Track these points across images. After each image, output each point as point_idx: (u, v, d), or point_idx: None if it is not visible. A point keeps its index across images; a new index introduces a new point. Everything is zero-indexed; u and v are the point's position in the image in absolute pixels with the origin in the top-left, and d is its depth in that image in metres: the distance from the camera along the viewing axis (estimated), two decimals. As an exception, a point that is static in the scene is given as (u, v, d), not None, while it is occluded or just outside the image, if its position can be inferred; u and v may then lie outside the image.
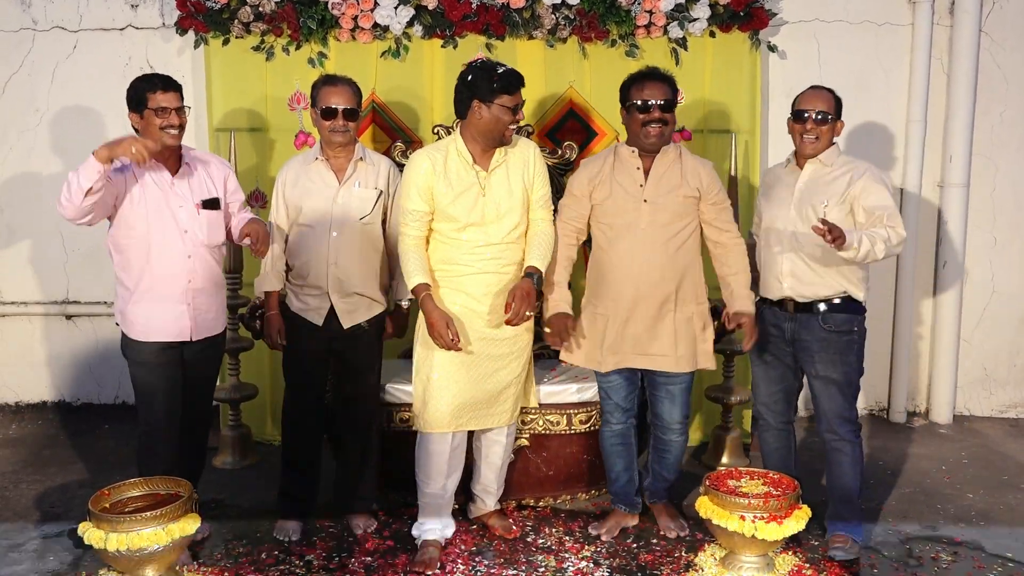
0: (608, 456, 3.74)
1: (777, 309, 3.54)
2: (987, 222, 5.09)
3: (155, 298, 3.39)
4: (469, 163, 3.40)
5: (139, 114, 3.35)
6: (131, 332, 3.43)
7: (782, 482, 3.41)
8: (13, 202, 5.12)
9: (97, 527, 3.12)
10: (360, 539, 3.69)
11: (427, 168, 3.38)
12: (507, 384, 3.54)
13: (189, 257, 3.42)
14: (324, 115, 3.51)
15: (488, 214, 3.40)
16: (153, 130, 3.33)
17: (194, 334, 3.48)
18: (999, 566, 3.49)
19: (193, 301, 3.45)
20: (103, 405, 5.31)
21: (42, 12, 4.93)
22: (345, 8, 4.38)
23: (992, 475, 4.40)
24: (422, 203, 3.39)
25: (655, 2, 4.38)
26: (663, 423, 3.61)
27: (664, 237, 3.43)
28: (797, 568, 3.42)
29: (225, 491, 4.17)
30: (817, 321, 3.45)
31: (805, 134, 3.43)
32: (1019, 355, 5.22)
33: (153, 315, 3.41)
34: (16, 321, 5.24)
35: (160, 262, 3.38)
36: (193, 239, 3.42)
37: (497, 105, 3.31)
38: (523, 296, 3.36)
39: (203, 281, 3.47)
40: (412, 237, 3.42)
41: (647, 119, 3.40)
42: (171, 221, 3.38)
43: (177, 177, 3.41)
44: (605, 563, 3.50)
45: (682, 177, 3.47)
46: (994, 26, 4.89)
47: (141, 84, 3.38)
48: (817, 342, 3.46)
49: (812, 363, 3.49)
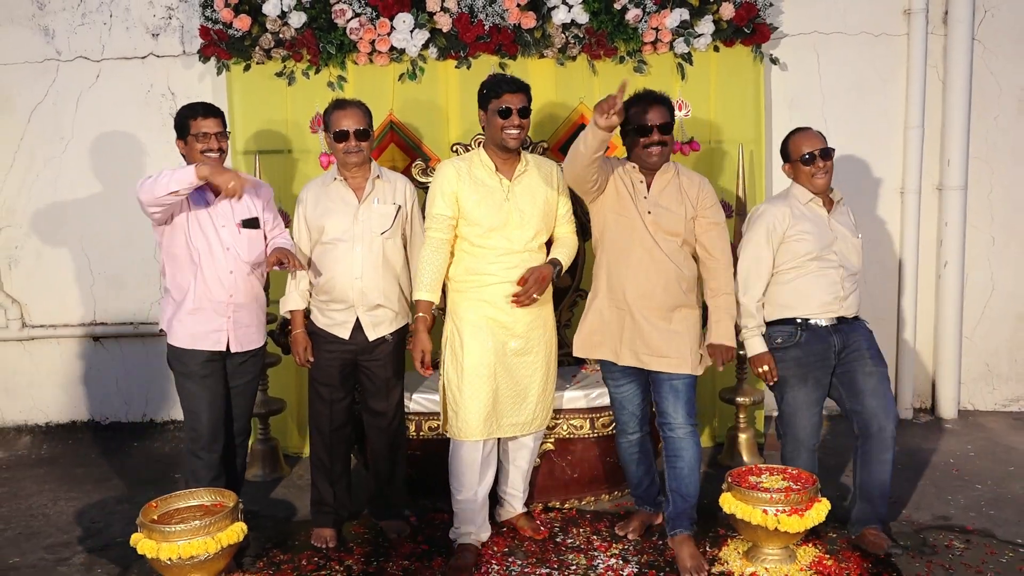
0: (627, 464, 3.83)
1: (817, 326, 3.63)
2: (985, 223, 5.26)
3: (199, 310, 3.59)
4: (492, 170, 3.58)
5: (183, 140, 3.54)
6: (176, 341, 3.62)
7: (801, 477, 3.56)
8: (40, 227, 5.26)
9: (148, 537, 3.26)
10: (395, 544, 3.82)
11: (452, 175, 3.57)
12: (533, 392, 3.67)
13: (231, 273, 3.60)
14: (337, 138, 3.66)
15: (512, 219, 3.56)
16: (195, 155, 3.53)
17: (232, 345, 3.65)
18: (1010, 551, 3.64)
19: (233, 315, 3.63)
20: (131, 423, 5.45)
21: (66, 43, 5.10)
22: (363, 33, 4.53)
23: (998, 467, 4.55)
24: (447, 208, 3.56)
25: (661, 19, 4.54)
26: (669, 421, 3.55)
27: (670, 247, 3.51)
28: (818, 559, 3.56)
29: (258, 503, 4.30)
30: (860, 321, 3.71)
31: (818, 174, 3.62)
32: (1019, 350, 5.37)
33: (197, 325, 3.60)
34: (45, 344, 5.37)
35: (204, 277, 3.57)
36: (235, 256, 3.60)
37: (491, 110, 3.51)
38: (538, 279, 3.56)
39: (244, 297, 3.65)
40: (436, 240, 3.58)
41: (647, 142, 3.50)
42: (215, 239, 3.57)
43: (219, 199, 3.58)
44: (634, 560, 3.64)
45: (680, 192, 3.56)
46: (986, 34, 5.07)
47: (184, 112, 3.59)
48: (865, 339, 3.65)
49: (864, 362, 3.61)
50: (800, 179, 3.69)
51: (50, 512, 4.28)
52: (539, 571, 3.57)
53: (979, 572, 3.47)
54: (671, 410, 3.55)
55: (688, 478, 3.56)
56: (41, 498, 4.44)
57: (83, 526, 4.11)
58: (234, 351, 3.67)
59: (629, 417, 3.73)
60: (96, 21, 5.08)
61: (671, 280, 3.50)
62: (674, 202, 3.54)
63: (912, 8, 4.96)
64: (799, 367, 3.63)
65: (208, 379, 3.63)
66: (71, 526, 4.12)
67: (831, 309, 3.63)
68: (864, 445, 3.62)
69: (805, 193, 3.68)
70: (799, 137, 3.69)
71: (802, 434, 3.68)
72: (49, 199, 5.24)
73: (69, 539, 3.98)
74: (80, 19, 5.08)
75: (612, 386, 3.73)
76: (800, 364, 3.63)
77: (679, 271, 3.51)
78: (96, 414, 5.46)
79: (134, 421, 5.45)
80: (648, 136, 3.49)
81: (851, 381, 3.62)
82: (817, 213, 3.66)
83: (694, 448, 3.56)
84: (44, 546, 3.90)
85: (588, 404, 4.06)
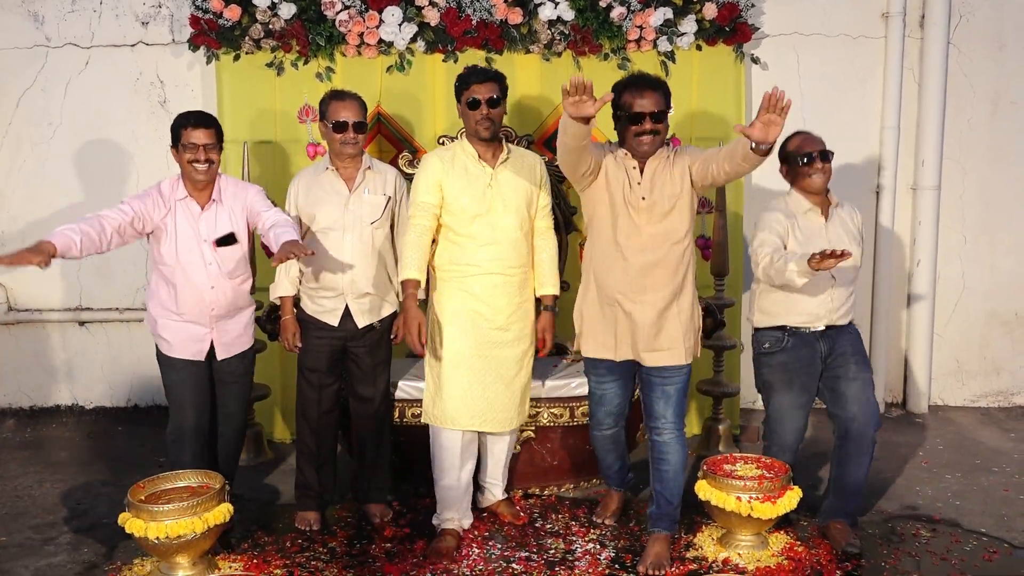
0: (601, 453, 3.88)
1: (805, 332, 3.65)
2: (957, 222, 5.38)
3: (181, 321, 3.67)
4: (475, 158, 3.67)
5: (176, 149, 3.61)
6: (161, 347, 3.72)
7: (774, 466, 3.67)
8: (26, 212, 5.28)
9: (136, 517, 3.33)
10: (378, 527, 3.90)
11: (437, 164, 3.67)
12: (511, 388, 3.73)
13: (212, 288, 3.66)
14: (336, 129, 3.71)
15: (495, 206, 3.64)
16: (184, 164, 3.58)
17: (218, 352, 3.74)
18: (974, 540, 3.76)
19: (216, 326, 3.71)
20: (116, 408, 5.49)
21: (55, 29, 5.12)
22: (352, 25, 4.60)
23: (966, 460, 4.68)
24: (431, 195, 3.64)
25: (645, 18, 4.63)
26: (658, 424, 3.55)
27: (662, 234, 3.43)
28: (789, 545, 3.67)
29: (242, 486, 4.33)
30: (845, 327, 3.70)
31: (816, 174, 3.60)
32: (988, 348, 5.51)
33: (179, 335, 3.68)
34: (31, 328, 5.40)
35: (185, 290, 3.63)
36: (216, 272, 3.66)
37: (462, 101, 3.64)
38: (551, 329, 3.79)
39: (226, 308, 3.72)
40: (420, 226, 3.65)
41: (639, 130, 3.38)
42: (197, 254, 3.63)
43: (204, 212, 3.65)
44: (611, 544, 3.74)
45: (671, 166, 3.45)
46: (961, 38, 5.19)
47: (178, 120, 3.63)
48: (851, 345, 3.67)
49: (848, 367, 3.63)
50: (798, 182, 3.65)
51: (35, 493, 4.33)
52: (518, 555, 3.66)
53: (944, 559, 3.59)
54: (660, 411, 3.54)
55: (673, 481, 3.56)
56: (26, 480, 4.49)
57: (69, 507, 4.16)
58: (220, 358, 3.75)
59: (605, 415, 3.74)
60: (86, 8, 5.10)
61: (663, 270, 3.45)
62: (667, 181, 3.43)
63: (890, 11, 5.07)
64: (785, 372, 3.67)
65: (193, 375, 3.71)
66: (57, 507, 4.17)
67: (820, 319, 3.64)
68: (843, 446, 3.67)
69: (802, 202, 3.65)
70: (798, 139, 3.68)
71: (787, 439, 3.73)
72: (36, 184, 5.26)
73: (55, 519, 4.03)
74: (70, 5, 5.10)
75: (594, 382, 3.71)
76: (786, 370, 3.67)
77: (671, 259, 3.45)
78: (81, 398, 5.49)
79: (119, 406, 5.49)
80: (639, 124, 3.37)
81: (835, 386, 3.66)
82: (813, 223, 3.63)
83: (680, 451, 3.55)
84: (31, 526, 3.96)
85: (568, 393, 4.14)
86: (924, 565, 3.55)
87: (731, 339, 4.77)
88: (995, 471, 4.52)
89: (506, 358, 3.72)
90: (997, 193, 5.35)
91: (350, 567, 3.56)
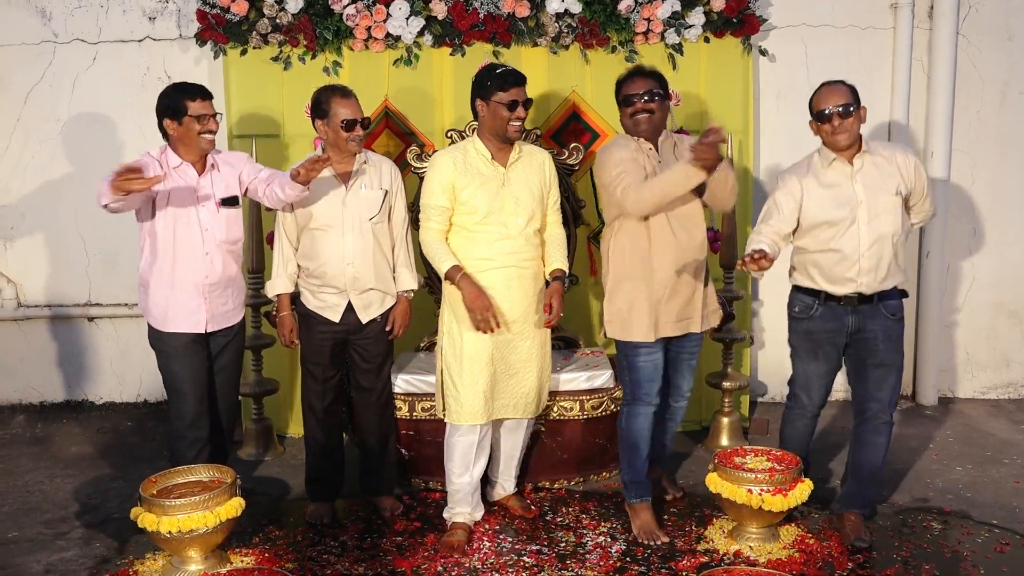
0: (638, 443, 3.73)
1: (836, 304, 3.59)
2: (966, 213, 5.37)
3: (174, 291, 3.66)
4: (488, 159, 3.64)
5: (177, 121, 3.58)
6: (155, 322, 3.70)
7: (784, 458, 3.67)
8: (35, 207, 5.30)
9: (149, 511, 3.33)
10: (388, 520, 3.91)
11: (449, 165, 3.62)
12: (530, 376, 3.75)
13: (207, 254, 3.66)
14: (347, 127, 3.67)
15: (507, 205, 3.62)
16: (192, 136, 3.57)
17: (209, 325, 3.73)
18: (986, 532, 3.76)
19: (209, 295, 3.70)
20: (125, 403, 5.50)
21: (63, 25, 5.13)
22: (359, 19, 4.59)
23: (976, 452, 4.67)
24: (445, 199, 3.62)
25: (653, 10, 4.62)
26: (680, 392, 3.89)
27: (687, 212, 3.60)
28: (800, 537, 3.66)
29: (251, 481, 4.37)
30: (882, 310, 3.58)
31: (836, 132, 3.48)
32: (998, 339, 5.50)
33: (171, 306, 3.67)
34: (39, 323, 5.42)
35: (180, 257, 3.63)
36: (212, 237, 3.67)
37: (494, 102, 3.57)
38: (560, 297, 3.72)
39: (219, 277, 3.71)
40: (435, 231, 3.65)
41: (632, 110, 3.60)
42: (194, 219, 3.64)
43: (203, 177, 3.65)
44: (621, 538, 3.73)
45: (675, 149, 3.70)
46: (970, 29, 5.17)
47: (178, 94, 3.60)
48: (883, 331, 3.58)
49: (875, 352, 3.59)
50: (823, 136, 3.57)
51: (47, 488, 4.34)
52: (529, 548, 3.66)
53: (955, 552, 3.58)
54: (684, 383, 3.89)
55: (672, 432, 4.04)
56: (37, 475, 4.50)
57: (80, 502, 4.18)
58: (211, 331, 3.74)
59: (653, 387, 3.72)
60: (93, 3, 5.10)
61: (695, 243, 3.64)
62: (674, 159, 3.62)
63: (899, 2, 5.05)
64: (809, 341, 3.69)
65: (190, 359, 3.70)
66: (68, 502, 4.18)
67: (847, 282, 3.54)
68: (860, 427, 3.69)
69: (828, 153, 3.57)
70: (821, 92, 3.57)
71: (811, 401, 3.78)
72: (44, 179, 5.27)
73: (66, 514, 4.05)
74: (77, 1, 5.10)
75: (644, 360, 3.67)
76: (811, 339, 3.68)
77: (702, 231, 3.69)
78: (91, 394, 5.51)
79: (128, 401, 5.50)
80: (632, 105, 3.60)
81: (858, 366, 3.65)
82: (840, 172, 3.53)
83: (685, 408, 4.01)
84: (42, 521, 3.97)
85: (578, 387, 4.15)
86: (935, 557, 3.54)
87: (740, 332, 4.77)
88: (1006, 463, 4.50)
89: (524, 350, 3.73)
90: (1006, 184, 5.33)
91: (361, 560, 3.57)
